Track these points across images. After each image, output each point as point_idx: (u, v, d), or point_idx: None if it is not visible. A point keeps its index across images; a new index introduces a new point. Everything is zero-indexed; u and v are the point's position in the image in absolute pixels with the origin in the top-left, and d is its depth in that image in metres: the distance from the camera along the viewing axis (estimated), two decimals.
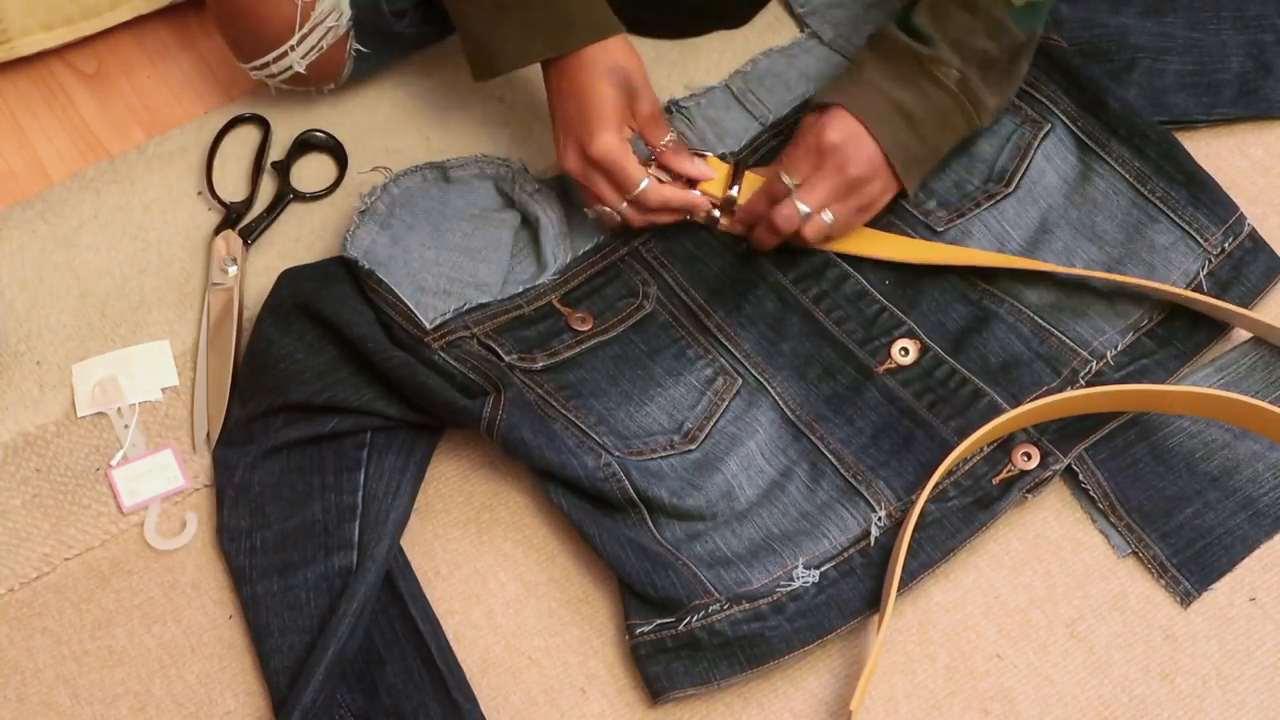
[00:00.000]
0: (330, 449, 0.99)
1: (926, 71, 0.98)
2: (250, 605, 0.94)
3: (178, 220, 1.12)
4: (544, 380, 0.99)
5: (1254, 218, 1.06)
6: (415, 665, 0.92)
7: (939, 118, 0.99)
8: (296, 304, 1.02)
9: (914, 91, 0.98)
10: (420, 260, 1.04)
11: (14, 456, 1.01)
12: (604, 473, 0.94)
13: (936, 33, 0.98)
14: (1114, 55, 1.13)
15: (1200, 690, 0.91)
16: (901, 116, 0.98)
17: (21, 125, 1.19)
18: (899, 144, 0.98)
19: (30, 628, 0.95)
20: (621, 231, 1.05)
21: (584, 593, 0.96)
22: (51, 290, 1.09)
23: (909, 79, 0.98)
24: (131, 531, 0.99)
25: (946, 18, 0.98)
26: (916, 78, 0.98)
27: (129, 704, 0.93)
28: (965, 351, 1.01)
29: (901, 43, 0.99)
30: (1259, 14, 1.16)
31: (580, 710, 0.92)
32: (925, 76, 0.98)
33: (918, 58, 0.98)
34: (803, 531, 0.95)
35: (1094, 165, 1.08)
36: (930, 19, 0.98)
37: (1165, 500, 0.96)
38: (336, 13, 1.06)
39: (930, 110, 0.99)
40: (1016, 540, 0.96)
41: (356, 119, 1.17)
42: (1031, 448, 0.96)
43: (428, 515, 0.99)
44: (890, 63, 0.99)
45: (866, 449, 0.98)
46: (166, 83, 1.21)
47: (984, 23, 0.98)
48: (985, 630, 0.93)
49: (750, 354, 1.01)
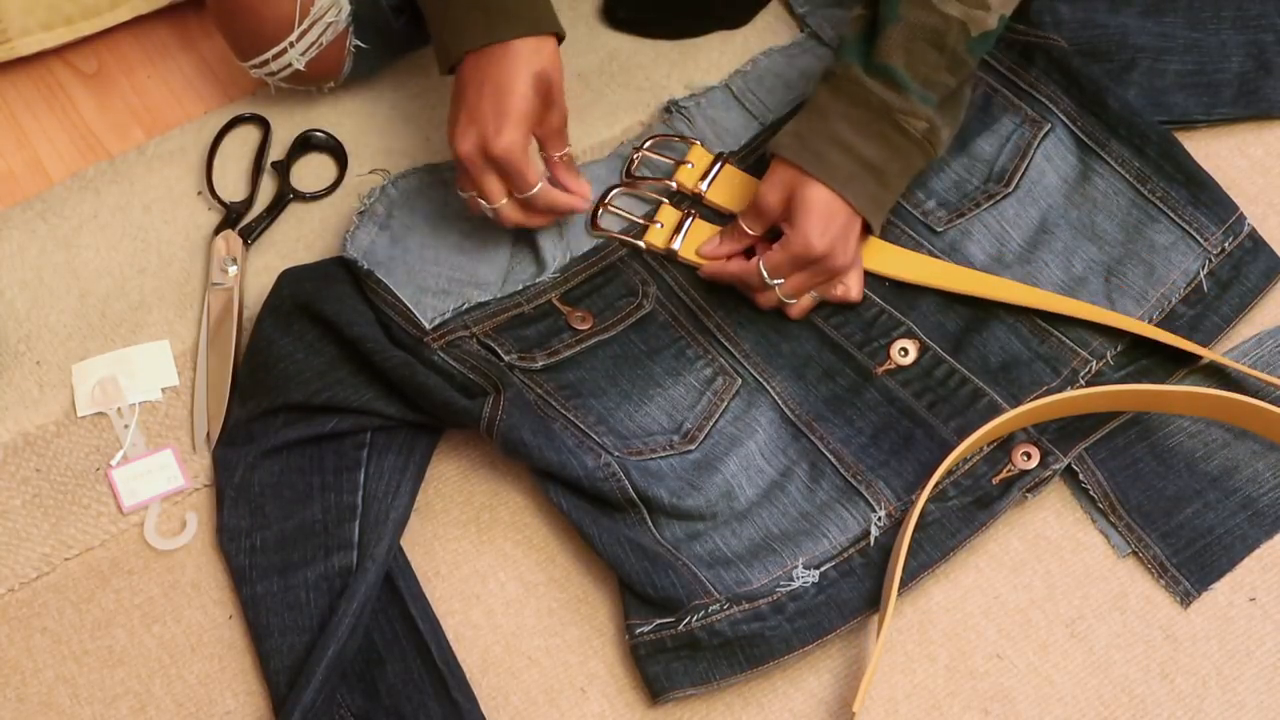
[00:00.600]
0: (330, 449, 0.99)
1: (895, 124, 0.96)
2: (250, 605, 0.94)
3: (178, 220, 1.12)
4: (544, 380, 0.99)
5: (1254, 218, 1.06)
6: (415, 665, 0.92)
7: (904, 165, 0.97)
8: (296, 304, 1.02)
9: (880, 145, 0.96)
10: (420, 260, 1.04)
11: (14, 456, 1.02)
12: (604, 473, 0.94)
13: (909, 74, 0.95)
14: (1114, 55, 1.13)
15: (1200, 690, 0.91)
16: (871, 174, 0.96)
17: (21, 125, 1.19)
18: (869, 198, 0.96)
19: (30, 628, 0.95)
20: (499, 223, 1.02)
21: (584, 593, 0.96)
22: (51, 290, 1.09)
23: (876, 131, 0.96)
24: (131, 531, 0.99)
25: (919, 58, 0.95)
26: (885, 129, 0.96)
27: (129, 704, 0.93)
28: (965, 351, 1.01)
29: (871, 92, 0.95)
30: (1259, 14, 1.16)
31: (580, 710, 0.92)
32: (893, 128, 0.96)
33: (886, 108, 0.95)
34: (802, 531, 0.95)
35: (1094, 165, 1.08)
36: (904, 59, 0.95)
37: (1165, 500, 0.96)
38: (336, 8, 1.06)
39: (897, 160, 0.97)
40: (1016, 540, 0.96)
41: (356, 119, 1.17)
42: (1031, 447, 0.96)
43: (428, 515, 0.99)
44: (855, 110, 0.96)
45: (866, 449, 0.98)
46: (166, 83, 1.21)
47: (948, 59, 0.96)
48: (985, 630, 0.93)
49: (750, 354, 1.01)
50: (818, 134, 0.96)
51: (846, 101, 0.96)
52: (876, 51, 0.95)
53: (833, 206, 0.95)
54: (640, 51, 1.20)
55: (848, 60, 0.97)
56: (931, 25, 0.94)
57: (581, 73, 1.19)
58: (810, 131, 0.97)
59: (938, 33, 0.94)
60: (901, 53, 0.95)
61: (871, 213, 0.97)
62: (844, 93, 0.96)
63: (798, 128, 0.97)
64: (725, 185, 1.07)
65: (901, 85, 0.95)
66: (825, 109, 0.97)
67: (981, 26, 0.95)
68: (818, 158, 0.95)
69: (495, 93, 0.94)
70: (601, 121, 1.16)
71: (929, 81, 0.95)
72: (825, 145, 0.96)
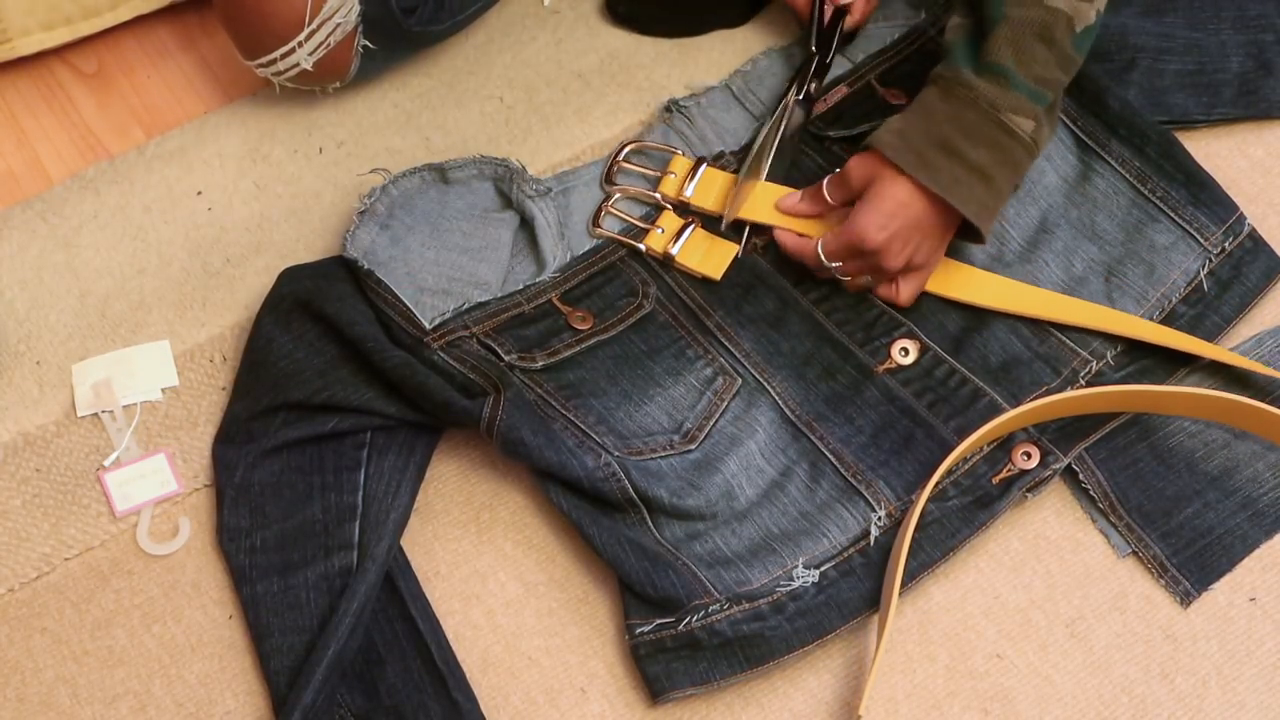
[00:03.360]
0: (330, 449, 0.99)
1: (1002, 125, 0.94)
2: (250, 605, 0.94)
3: (178, 220, 1.12)
4: (543, 380, 0.99)
5: (1254, 218, 1.06)
6: (415, 665, 0.92)
7: (1012, 168, 0.96)
8: (297, 302, 1.02)
9: (989, 148, 0.94)
10: (420, 260, 1.04)
11: (14, 456, 1.01)
12: (604, 473, 0.94)
13: (1020, 71, 0.94)
14: (1114, 55, 1.13)
15: (1200, 690, 0.91)
16: (979, 178, 0.95)
17: (21, 125, 1.19)
18: (978, 203, 0.95)
19: (30, 628, 0.95)
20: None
21: (584, 593, 0.96)
22: (51, 290, 1.09)
23: (985, 135, 0.94)
24: (131, 532, 0.99)
25: (1028, 54, 0.94)
26: (993, 132, 0.94)
27: (129, 704, 0.93)
28: (965, 351, 1.01)
29: (979, 93, 0.94)
30: (1259, 14, 1.16)
31: (580, 710, 0.92)
32: (1001, 129, 0.94)
33: (994, 107, 0.94)
34: (802, 531, 0.95)
35: (1094, 165, 1.08)
36: (1013, 56, 0.94)
37: (1165, 500, 0.96)
38: (346, 8, 1.06)
39: (1006, 163, 0.95)
40: (1016, 540, 0.96)
41: (357, 119, 1.17)
42: (1031, 447, 0.96)
43: (428, 515, 0.99)
44: (964, 112, 0.94)
45: (866, 448, 0.98)
46: (166, 83, 1.21)
47: (1057, 54, 0.95)
48: (985, 630, 0.93)
49: (750, 354, 1.01)
50: (922, 135, 0.95)
51: (955, 104, 0.95)
52: (984, 51, 0.95)
53: (910, 206, 0.95)
54: (640, 51, 1.20)
55: (956, 65, 0.96)
56: (1038, 19, 0.94)
57: (581, 73, 1.19)
58: (914, 131, 0.95)
59: (1045, 26, 0.94)
60: (1010, 50, 0.94)
61: (981, 218, 0.95)
62: (953, 95, 0.95)
63: (901, 125, 0.96)
64: (706, 186, 1.07)
65: (1012, 82, 0.94)
66: (932, 110, 0.96)
67: (1084, 20, 0.95)
68: (920, 159, 0.94)
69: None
70: (601, 121, 1.16)
71: (1040, 79, 0.95)
72: (929, 148, 0.94)
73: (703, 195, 1.07)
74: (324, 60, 1.09)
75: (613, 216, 1.07)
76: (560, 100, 1.18)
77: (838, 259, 0.99)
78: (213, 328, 1.07)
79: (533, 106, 1.17)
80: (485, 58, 1.20)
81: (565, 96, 1.18)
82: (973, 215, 0.95)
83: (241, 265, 1.10)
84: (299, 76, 1.10)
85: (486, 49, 1.21)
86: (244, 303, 1.08)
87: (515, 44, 1.21)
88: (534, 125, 1.16)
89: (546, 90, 1.18)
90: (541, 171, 1.12)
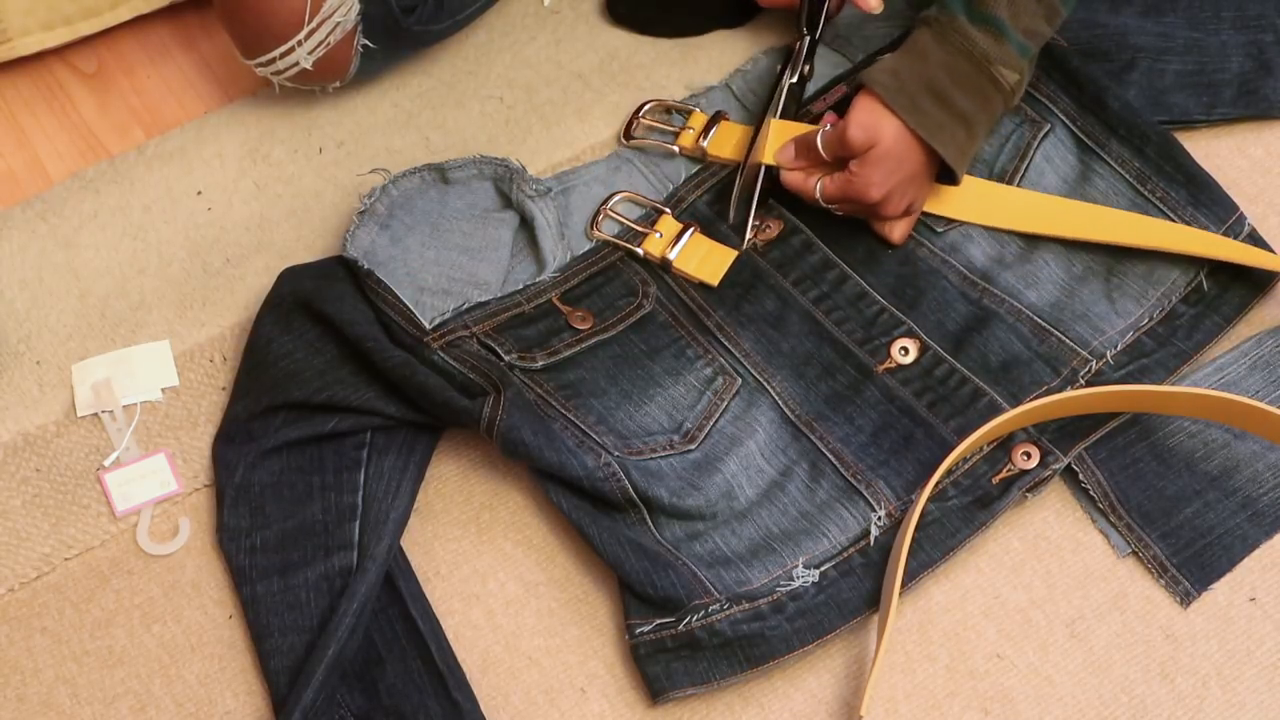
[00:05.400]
0: (330, 449, 0.99)
1: (991, 76, 0.98)
2: (250, 605, 0.94)
3: (178, 220, 1.12)
4: (544, 380, 0.99)
5: (1254, 218, 1.06)
6: (415, 665, 0.92)
7: (990, 116, 1.01)
8: (297, 302, 1.02)
9: (975, 96, 0.98)
10: (420, 260, 1.04)
11: (14, 456, 1.02)
12: (604, 473, 0.94)
13: (1013, 24, 0.97)
14: (1114, 55, 1.13)
15: (1200, 690, 0.91)
16: (961, 124, 0.98)
17: (21, 125, 1.19)
18: (958, 148, 0.99)
19: (30, 628, 0.95)
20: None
21: (584, 593, 0.96)
22: (51, 290, 1.09)
23: (974, 83, 0.98)
24: (131, 532, 0.99)
25: (1021, 7, 0.97)
26: (981, 81, 0.98)
27: (129, 704, 0.93)
28: (965, 351, 1.01)
29: (974, 42, 0.97)
30: (1259, 14, 1.16)
31: (580, 710, 0.92)
32: (989, 80, 0.98)
33: (986, 58, 0.97)
34: (802, 531, 0.95)
35: (1094, 165, 1.08)
36: (1008, 10, 0.97)
37: (1165, 500, 0.96)
38: (346, 7, 1.06)
39: (986, 111, 1.00)
40: (1016, 540, 0.96)
41: (357, 119, 1.17)
42: (1031, 447, 0.96)
43: (428, 515, 0.99)
44: (956, 60, 0.98)
45: (866, 448, 0.98)
46: (166, 83, 1.21)
47: (1045, 7, 0.98)
48: (985, 630, 0.93)
49: (750, 353, 1.01)
50: (915, 77, 0.98)
51: (949, 51, 0.98)
52: (980, 1, 0.97)
53: (907, 156, 0.98)
54: (640, 51, 1.20)
55: (951, 10, 0.98)
56: None
57: (581, 73, 1.19)
58: (908, 73, 0.98)
59: None
60: (1006, 2, 0.97)
61: (959, 163, 0.99)
62: (948, 41, 0.98)
63: (896, 65, 0.99)
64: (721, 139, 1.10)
65: (1004, 35, 0.97)
66: (926, 53, 0.98)
67: None
68: (912, 104, 0.97)
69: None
70: (602, 121, 1.16)
71: (1029, 32, 0.98)
72: (921, 92, 0.97)
73: (719, 145, 1.09)
74: (324, 59, 1.09)
75: (611, 219, 1.07)
76: (560, 100, 1.18)
77: (835, 204, 1.02)
78: (213, 328, 1.07)
79: (533, 106, 1.17)
80: (485, 58, 1.20)
81: (565, 96, 1.18)
82: (952, 160, 0.99)
83: (241, 265, 1.10)
84: (299, 76, 1.10)
85: (486, 49, 1.21)
86: (244, 303, 1.08)
87: (515, 44, 1.21)
88: (534, 125, 1.16)
89: (546, 90, 1.18)
90: (541, 171, 1.12)
